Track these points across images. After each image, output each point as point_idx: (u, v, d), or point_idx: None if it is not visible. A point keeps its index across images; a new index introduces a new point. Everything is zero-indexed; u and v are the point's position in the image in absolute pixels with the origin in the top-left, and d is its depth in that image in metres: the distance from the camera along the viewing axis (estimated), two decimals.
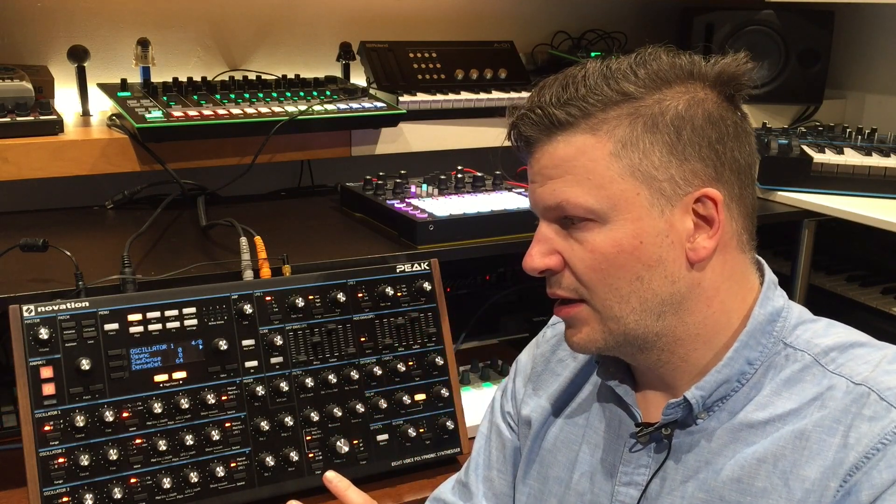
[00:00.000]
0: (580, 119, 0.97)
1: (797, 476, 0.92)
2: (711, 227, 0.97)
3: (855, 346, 0.98)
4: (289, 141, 1.92)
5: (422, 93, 2.08)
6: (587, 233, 0.97)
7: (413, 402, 1.53)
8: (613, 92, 0.96)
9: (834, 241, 2.31)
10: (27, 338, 1.30)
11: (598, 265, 0.97)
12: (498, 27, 2.43)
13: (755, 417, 0.97)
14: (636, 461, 1.04)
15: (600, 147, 0.96)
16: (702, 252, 0.97)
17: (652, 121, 0.96)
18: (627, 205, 0.96)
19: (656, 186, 0.96)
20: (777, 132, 2.27)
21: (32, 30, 1.97)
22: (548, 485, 1.14)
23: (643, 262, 0.96)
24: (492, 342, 2.12)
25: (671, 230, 0.96)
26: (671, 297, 0.98)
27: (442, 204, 1.77)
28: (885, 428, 0.89)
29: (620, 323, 0.99)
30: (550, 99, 0.98)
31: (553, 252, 1.00)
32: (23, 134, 1.71)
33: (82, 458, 1.29)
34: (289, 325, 1.46)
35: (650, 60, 0.98)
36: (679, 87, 0.97)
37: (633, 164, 0.96)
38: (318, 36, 2.25)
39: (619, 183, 0.96)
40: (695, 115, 0.96)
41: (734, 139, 0.99)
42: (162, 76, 2.00)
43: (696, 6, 2.51)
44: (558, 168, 0.98)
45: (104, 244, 1.70)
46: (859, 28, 2.63)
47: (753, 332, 0.99)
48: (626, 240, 0.96)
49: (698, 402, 0.99)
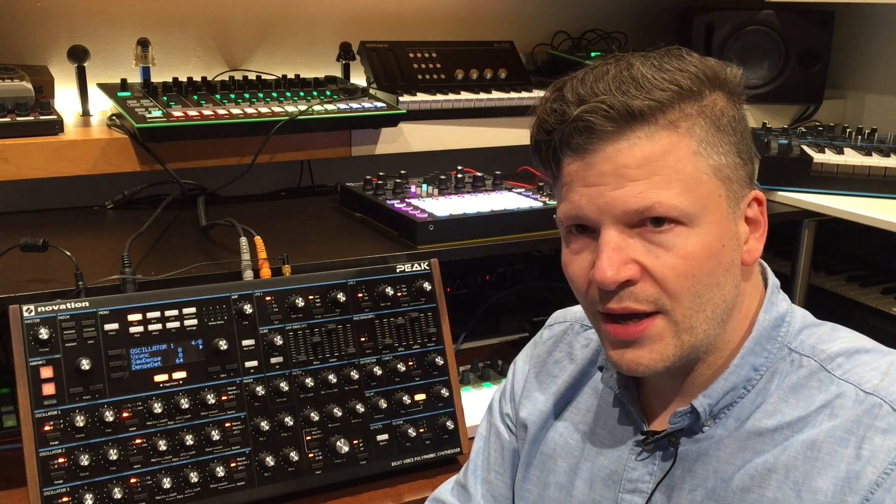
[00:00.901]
0: (658, 113, 0.90)
1: (809, 487, 0.91)
2: (759, 230, 0.97)
3: (861, 351, 0.97)
4: (289, 141, 1.92)
5: (422, 93, 2.08)
6: (675, 237, 0.91)
7: (413, 402, 1.53)
8: (678, 87, 0.91)
9: (834, 241, 2.31)
10: (27, 338, 1.30)
11: (689, 271, 0.91)
12: (498, 27, 2.43)
13: (763, 425, 0.96)
14: (641, 469, 1.03)
15: (684, 146, 0.91)
16: (755, 254, 0.96)
17: (716, 122, 0.93)
18: (713, 206, 0.92)
19: (732, 188, 0.94)
20: (777, 132, 2.27)
21: (32, 30, 1.98)
22: (548, 490, 1.13)
23: (723, 267, 0.93)
24: (492, 342, 2.11)
25: (738, 233, 0.95)
26: (732, 302, 0.96)
27: (442, 204, 1.77)
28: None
29: (693, 334, 0.94)
30: (619, 90, 0.90)
31: (630, 261, 0.92)
32: (23, 134, 1.71)
33: (82, 458, 1.29)
34: (289, 325, 1.46)
35: (691, 58, 0.94)
36: (718, 91, 0.95)
37: (715, 164, 0.92)
38: (318, 36, 2.25)
39: (706, 183, 0.92)
40: (741, 117, 0.96)
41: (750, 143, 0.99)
42: (162, 76, 2.01)
43: (696, 6, 2.51)
44: (643, 168, 0.90)
45: (104, 244, 1.70)
46: (859, 28, 2.63)
47: (759, 339, 0.98)
48: (713, 243, 0.92)
49: (706, 410, 0.97)
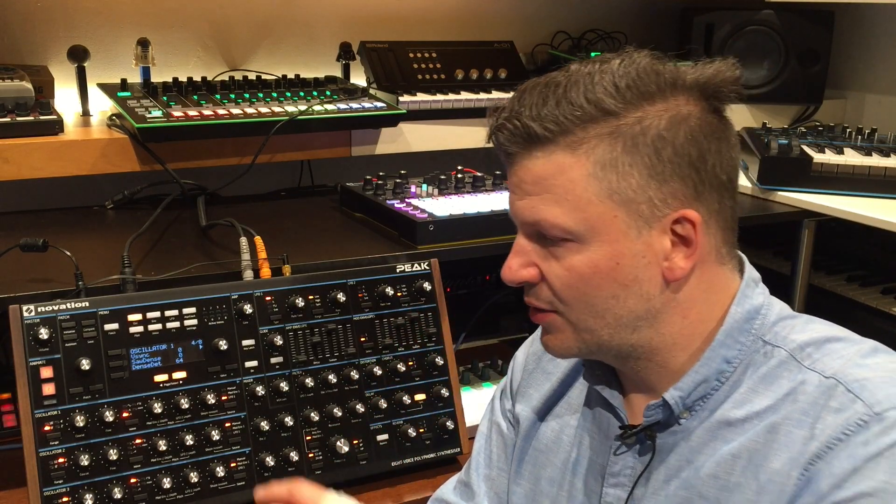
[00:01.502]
0: (558, 135, 0.94)
1: (766, 469, 0.93)
2: (689, 247, 0.96)
3: (831, 340, 0.97)
4: (289, 141, 1.92)
5: (422, 93, 2.08)
6: (565, 251, 0.97)
7: (413, 402, 1.53)
8: (593, 108, 0.93)
9: (834, 241, 2.31)
10: (27, 338, 1.30)
11: (574, 284, 0.97)
12: (498, 27, 2.43)
13: (733, 415, 0.97)
14: (622, 462, 1.05)
15: (579, 167, 0.94)
16: (678, 272, 0.97)
17: (632, 141, 0.93)
18: (605, 227, 0.95)
19: (634, 208, 0.95)
20: (777, 132, 2.27)
21: (32, 30, 1.97)
22: (540, 485, 1.15)
23: (619, 282, 0.96)
24: (492, 342, 2.11)
25: (648, 251, 0.96)
26: (646, 312, 0.98)
27: (442, 204, 1.77)
28: (850, 419, 0.89)
29: (595, 335, 0.99)
30: (530, 111, 0.95)
31: (531, 264, 1.00)
32: (23, 134, 1.71)
33: (82, 458, 1.29)
34: (289, 325, 1.46)
35: (633, 71, 0.95)
36: (661, 104, 0.95)
37: (611, 186, 0.94)
38: (318, 36, 2.25)
39: (596, 205, 0.94)
40: (676, 135, 0.94)
41: (716, 154, 0.97)
42: (162, 76, 2.01)
43: (696, 6, 2.51)
44: (537, 185, 0.96)
45: (104, 244, 1.70)
46: (859, 28, 2.63)
47: (730, 331, 0.99)
48: (602, 261, 0.96)
49: (677, 403, 0.99)
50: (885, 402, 0.89)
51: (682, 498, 0.98)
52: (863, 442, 0.88)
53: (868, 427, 0.88)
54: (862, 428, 0.88)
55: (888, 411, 0.88)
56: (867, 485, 0.86)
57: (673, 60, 0.99)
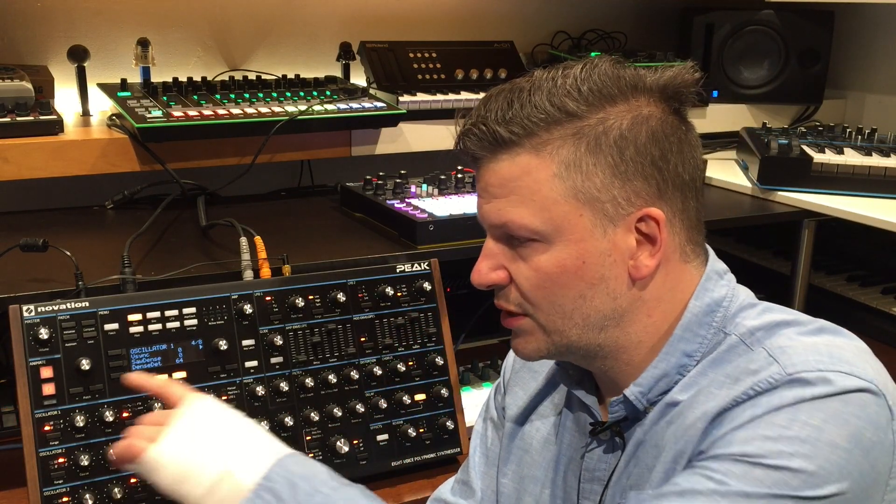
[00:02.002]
0: (524, 138, 0.97)
1: (682, 426, 0.96)
2: (654, 245, 0.98)
3: (782, 325, 0.98)
4: (289, 141, 1.92)
5: (422, 93, 2.08)
6: (531, 251, 0.99)
7: (413, 402, 1.53)
8: (557, 110, 0.96)
9: (834, 241, 2.31)
10: (27, 338, 1.30)
11: (542, 284, 0.99)
12: (498, 27, 2.43)
13: (679, 397, 0.99)
14: (596, 458, 1.07)
15: (544, 168, 0.96)
16: (644, 270, 0.99)
17: (595, 141, 0.96)
18: (570, 226, 0.97)
19: (599, 207, 0.97)
20: (777, 132, 2.27)
21: (32, 30, 1.98)
22: (523, 484, 1.17)
23: (586, 281, 0.98)
24: (492, 342, 2.11)
25: (614, 249, 0.98)
26: (613, 311, 1.00)
27: (442, 204, 1.77)
28: (762, 378, 0.91)
29: (564, 336, 1.01)
30: (495, 115, 0.98)
31: (499, 267, 1.02)
32: (23, 134, 1.71)
33: (82, 458, 1.29)
34: (289, 325, 1.46)
35: (594, 75, 0.98)
36: (622, 105, 0.97)
37: (576, 185, 0.96)
38: (318, 36, 2.25)
39: (562, 205, 0.97)
40: (638, 135, 0.97)
41: (678, 154, 0.99)
42: (162, 76, 2.00)
43: (696, 6, 2.51)
44: (503, 188, 0.99)
45: (104, 244, 1.70)
46: (859, 28, 2.63)
47: (689, 325, 1.01)
48: (569, 260, 0.98)
49: (638, 399, 1.01)
50: (799, 366, 0.91)
51: (636, 476, 1.01)
52: (768, 397, 0.90)
53: (777, 385, 0.90)
54: (771, 386, 0.90)
55: (800, 373, 0.90)
56: (763, 433, 0.88)
57: (633, 65, 1.02)
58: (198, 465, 0.99)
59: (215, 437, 1.02)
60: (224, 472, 0.98)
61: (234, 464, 0.98)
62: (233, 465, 0.98)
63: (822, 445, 0.86)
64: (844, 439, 0.87)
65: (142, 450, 1.01)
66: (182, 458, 1.00)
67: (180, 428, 1.02)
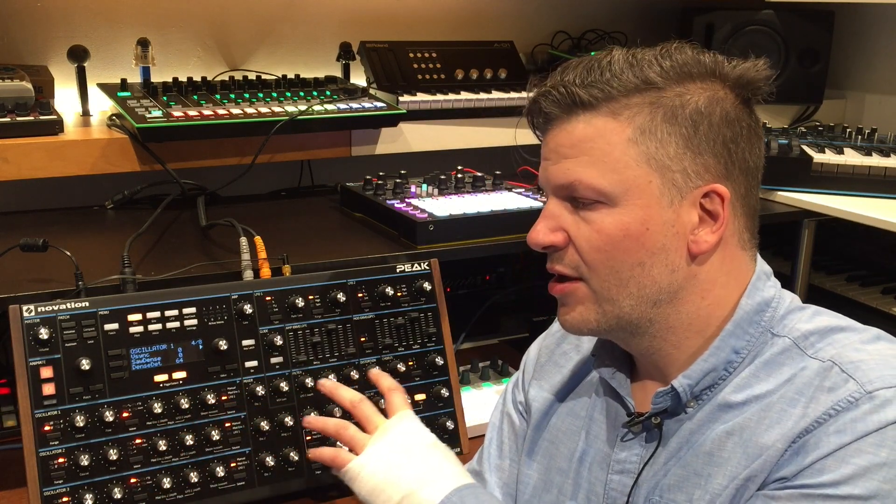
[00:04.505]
0: (602, 102, 0.98)
1: (755, 444, 0.95)
2: (716, 222, 0.99)
3: (836, 330, 0.99)
4: (289, 141, 1.92)
5: (422, 93, 2.08)
6: (596, 213, 0.99)
7: (413, 402, 1.52)
8: (637, 79, 0.98)
9: (834, 241, 2.31)
10: (27, 338, 1.30)
11: (603, 246, 0.99)
12: (498, 27, 2.43)
13: (733, 399, 0.99)
14: (629, 450, 1.07)
15: (619, 132, 0.98)
16: (703, 245, 0.99)
17: (672, 112, 0.98)
18: (639, 191, 0.98)
19: (669, 177, 0.98)
20: (777, 132, 2.27)
21: (32, 30, 1.97)
22: (550, 475, 1.16)
23: (647, 249, 0.98)
24: (492, 342, 2.11)
25: (677, 221, 0.98)
26: (669, 286, 1.00)
27: (442, 204, 1.77)
28: (841, 396, 0.91)
29: (616, 306, 1.01)
30: (574, 79, 0.99)
31: (559, 229, 1.02)
32: (23, 134, 1.71)
33: (82, 458, 1.28)
34: (289, 325, 1.46)
35: (675, 53, 1.00)
36: (701, 84, 0.99)
37: (650, 151, 0.97)
38: (318, 36, 2.25)
39: (633, 169, 0.98)
40: (713, 112, 0.98)
41: (747, 140, 1.01)
42: (162, 76, 2.00)
43: (696, 6, 2.51)
44: (575, 148, 0.99)
45: (104, 244, 1.70)
46: (859, 28, 2.63)
47: (740, 322, 1.01)
48: (633, 225, 0.98)
49: (685, 391, 1.01)
50: (877, 382, 0.91)
51: (679, 477, 1.00)
52: (852, 419, 0.89)
53: (858, 405, 0.90)
54: (852, 405, 0.90)
55: (879, 390, 0.90)
56: (855, 462, 0.87)
57: (714, 52, 1.03)
58: (391, 482, 1.10)
59: (409, 458, 1.13)
60: (410, 491, 1.08)
61: (419, 485, 1.09)
62: (418, 485, 1.09)
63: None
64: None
65: (346, 461, 1.16)
66: (378, 474, 1.12)
67: (382, 445, 1.15)
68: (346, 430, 1.21)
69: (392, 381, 1.27)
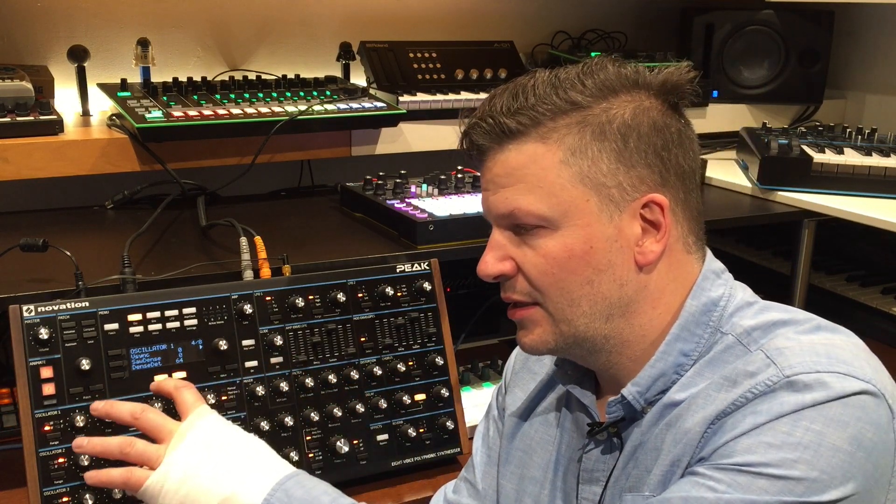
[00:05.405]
0: (530, 128, 0.99)
1: (681, 429, 0.96)
2: (658, 231, 1.00)
3: (779, 324, 0.99)
4: (289, 141, 1.92)
5: (422, 93, 2.08)
6: (539, 239, 1.00)
7: (413, 402, 1.53)
8: (562, 101, 0.99)
9: (834, 241, 2.31)
10: (27, 338, 1.30)
11: (550, 269, 1.00)
12: (498, 27, 2.43)
13: (676, 397, 1.00)
14: (595, 459, 1.07)
15: (550, 155, 0.99)
16: (650, 255, 1.00)
17: (600, 129, 0.99)
18: (578, 211, 0.99)
19: (605, 193, 0.99)
20: (777, 132, 2.27)
21: (32, 30, 1.98)
22: (523, 484, 1.17)
23: (593, 267, 1.00)
24: (492, 342, 2.11)
25: (620, 235, 1.00)
26: (619, 300, 1.01)
27: (442, 204, 1.77)
28: (760, 380, 0.92)
29: (571, 325, 1.02)
30: (501, 108, 1.00)
31: (506, 258, 1.03)
32: (23, 134, 1.71)
33: (82, 458, 1.28)
34: (289, 325, 1.46)
35: (597, 70, 1.01)
36: (625, 96, 1.00)
37: (583, 171, 0.98)
38: (318, 36, 2.25)
39: (569, 190, 0.99)
40: (641, 123, 0.99)
41: (678, 146, 1.02)
42: (162, 76, 2.00)
43: (696, 6, 2.51)
44: (510, 176, 1.01)
45: (104, 244, 1.70)
46: (859, 28, 2.63)
47: (685, 325, 1.02)
48: (577, 245, 0.99)
49: (636, 398, 1.02)
50: (797, 367, 0.92)
51: (635, 478, 1.01)
52: (769, 401, 0.90)
53: (775, 388, 0.91)
54: (769, 388, 0.91)
55: (798, 375, 0.91)
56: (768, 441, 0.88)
57: (635, 63, 1.05)
58: (202, 490, 1.05)
59: (218, 458, 1.07)
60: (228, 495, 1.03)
61: (236, 486, 1.03)
62: (235, 487, 1.03)
63: (824, 450, 0.87)
64: (846, 442, 0.87)
65: (142, 479, 1.07)
66: (184, 485, 1.05)
67: (181, 452, 1.08)
68: (132, 447, 1.11)
69: (176, 380, 1.20)
